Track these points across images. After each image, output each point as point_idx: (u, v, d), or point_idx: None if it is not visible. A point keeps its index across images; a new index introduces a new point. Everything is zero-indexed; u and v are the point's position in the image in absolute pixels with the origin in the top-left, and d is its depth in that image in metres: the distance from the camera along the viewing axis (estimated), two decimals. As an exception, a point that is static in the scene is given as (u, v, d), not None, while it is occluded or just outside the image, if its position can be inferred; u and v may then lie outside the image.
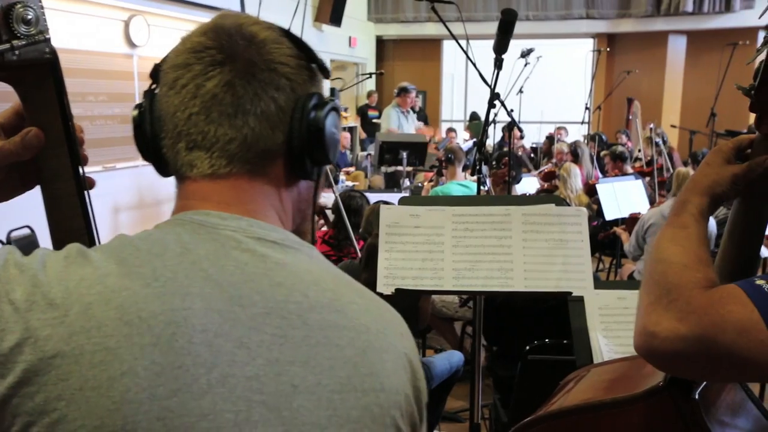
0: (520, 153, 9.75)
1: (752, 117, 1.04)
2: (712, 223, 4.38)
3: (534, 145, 10.78)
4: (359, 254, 3.34)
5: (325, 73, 0.85)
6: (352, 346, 0.74)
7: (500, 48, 2.49)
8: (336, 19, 10.77)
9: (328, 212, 3.83)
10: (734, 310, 0.83)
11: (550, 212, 2.04)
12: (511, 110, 3.24)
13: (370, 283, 2.62)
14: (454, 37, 3.15)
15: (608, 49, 11.99)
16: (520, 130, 3.54)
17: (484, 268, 2.00)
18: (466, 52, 3.18)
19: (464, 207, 2.08)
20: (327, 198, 4.45)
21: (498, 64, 2.51)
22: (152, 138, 0.81)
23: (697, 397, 1.06)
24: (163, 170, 0.84)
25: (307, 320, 0.73)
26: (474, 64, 3.22)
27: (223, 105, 0.77)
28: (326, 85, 0.90)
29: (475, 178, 5.50)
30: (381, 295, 2.06)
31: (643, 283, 0.96)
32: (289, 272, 0.75)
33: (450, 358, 3.22)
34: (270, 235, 0.77)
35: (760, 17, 0.92)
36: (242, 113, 0.77)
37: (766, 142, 1.02)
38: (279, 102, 0.79)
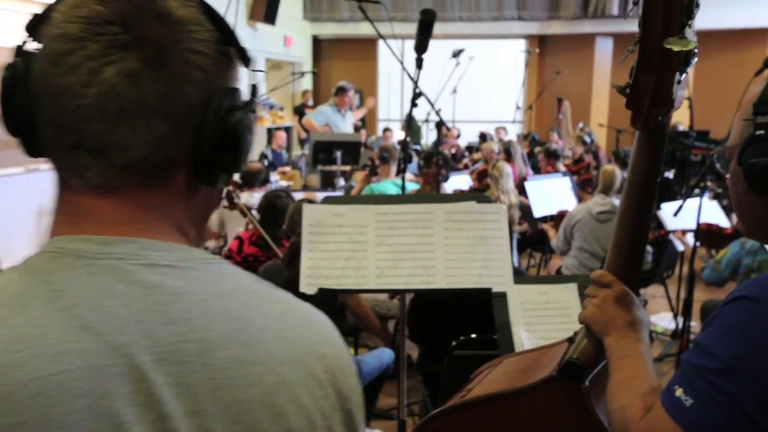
0: (454, 152, 9.89)
1: (677, 115, 1.09)
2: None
3: (470, 144, 10.94)
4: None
5: (246, 61, 0.73)
6: (261, 384, 0.63)
7: (420, 48, 2.52)
8: (270, 17, 10.66)
9: (255, 213, 3.77)
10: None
11: (471, 210, 2.07)
12: (439, 109, 3.28)
13: (291, 281, 2.61)
14: (381, 37, 3.16)
15: (537, 50, 12.29)
16: (448, 129, 3.58)
17: (407, 265, 2.02)
18: (393, 52, 3.19)
19: (387, 205, 2.09)
20: (254, 198, 4.40)
21: (419, 63, 2.54)
22: (25, 112, 0.65)
23: (587, 383, 1.10)
24: (34, 150, 0.68)
25: (209, 360, 0.62)
26: (402, 64, 3.24)
27: (124, 101, 0.62)
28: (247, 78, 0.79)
29: (409, 176, 5.55)
30: (305, 296, 2.06)
31: None
32: (188, 303, 0.63)
33: (380, 356, 3.23)
34: (165, 258, 0.64)
35: (628, 13, 0.96)
36: (146, 113, 0.63)
37: (642, 139, 1.07)
38: (192, 100, 0.65)
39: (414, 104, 2.63)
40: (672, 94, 0.99)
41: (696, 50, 0.96)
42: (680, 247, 4.71)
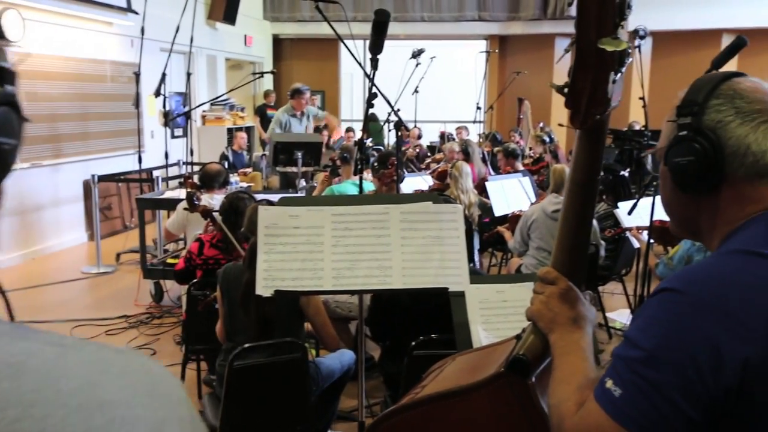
0: (417, 152, 9.92)
1: (633, 115, 1.11)
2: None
3: (432, 144, 10.99)
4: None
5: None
6: None
7: (375, 48, 2.51)
8: (230, 17, 10.55)
9: (216, 215, 3.71)
10: (592, 423, 0.91)
11: (427, 210, 2.08)
12: (398, 109, 3.28)
13: (252, 282, 2.58)
14: (339, 37, 3.14)
15: (497, 50, 12.42)
16: (407, 129, 3.58)
17: (364, 266, 2.01)
18: (351, 52, 3.18)
19: (344, 207, 2.08)
20: (214, 200, 4.34)
21: (374, 64, 2.53)
22: None
23: (533, 379, 1.12)
24: None
25: None
26: (360, 64, 3.23)
27: None
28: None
29: (370, 177, 5.54)
30: (259, 298, 2.04)
31: None
32: None
33: (341, 358, 3.22)
34: None
35: (569, 5, 0.97)
36: None
37: (582, 138, 1.09)
38: None
39: (370, 104, 2.63)
40: (608, 94, 1.00)
41: (630, 50, 0.99)
42: (636, 245, 4.80)
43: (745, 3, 10.93)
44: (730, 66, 10.22)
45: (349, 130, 11.02)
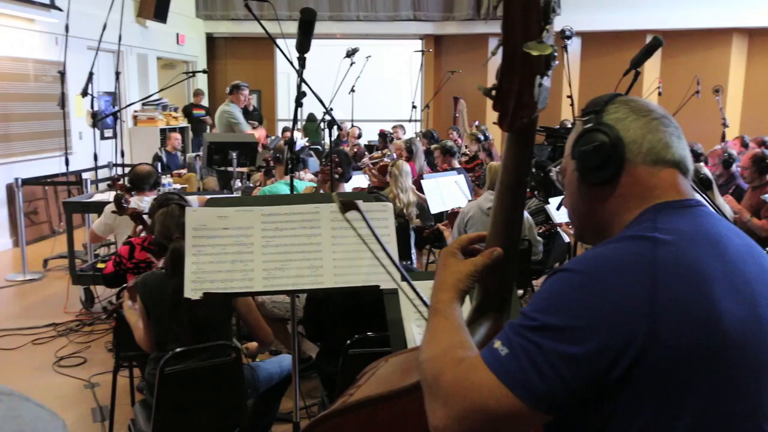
0: (356, 151, 9.92)
1: (565, 113, 1.14)
2: (525, 213, 4.72)
3: (370, 143, 11.01)
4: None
5: None
6: None
7: (302, 47, 2.50)
8: (161, 14, 10.30)
9: (145, 217, 3.62)
10: (475, 379, 0.95)
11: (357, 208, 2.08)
12: (331, 108, 3.27)
13: (179, 289, 2.51)
14: (269, 36, 3.11)
15: (431, 50, 12.55)
16: (339, 128, 3.57)
17: (295, 266, 2.00)
18: (282, 51, 3.16)
19: (274, 207, 2.07)
20: (144, 203, 4.23)
21: (301, 63, 2.52)
22: None
23: None
24: None
25: None
26: (292, 64, 3.21)
27: None
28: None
29: (308, 177, 5.51)
30: (190, 302, 2.00)
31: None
32: None
33: (281, 362, 3.19)
34: None
35: (483, 15, 0.99)
36: None
37: (511, 140, 1.10)
38: None
39: (299, 104, 2.61)
40: (535, 97, 1.01)
41: (555, 54, 1.00)
42: (567, 239, 4.93)
43: (667, 6, 11.39)
44: (653, 67, 10.62)
45: (285, 130, 10.92)
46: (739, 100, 12.15)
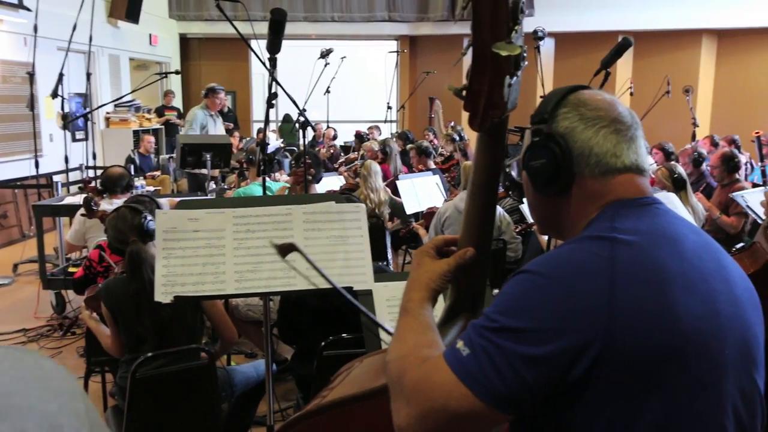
0: (332, 152, 9.90)
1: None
2: (501, 211, 4.74)
3: (346, 144, 10.99)
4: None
5: None
6: None
7: (272, 48, 2.48)
8: (133, 15, 10.18)
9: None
10: (437, 379, 0.96)
11: (330, 209, 2.07)
12: (304, 109, 3.25)
13: (141, 291, 2.47)
14: (241, 36, 3.09)
15: (406, 51, 12.57)
16: (314, 129, 3.56)
17: (267, 268, 1.99)
18: (255, 52, 3.13)
19: (245, 208, 2.05)
20: (115, 206, 4.17)
21: (272, 63, 2.50)
22: None
23: None
24: None
25: None
26: (264, 64, 3.19)
27: None
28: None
29: (283, 178, 5.48)
30: (159, 304, 1.97)
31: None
32: None
33: (257, 366, 3.16)
34: None
35: (456, 16, 0.99)
36: None
37: (481, 140, 1.10)
38: None
39: (270, 105, 2.59)
40: (504, 97, 1.01)
41: (525, 54, 1.00)
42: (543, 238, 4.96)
43: (639, 7, 11.55)
44: (625, 67, 10.75)
45: (260, 131, 10.85)
46: (709, 99, 12.35)
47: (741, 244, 2.10)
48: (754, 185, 5.66)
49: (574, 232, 1.09)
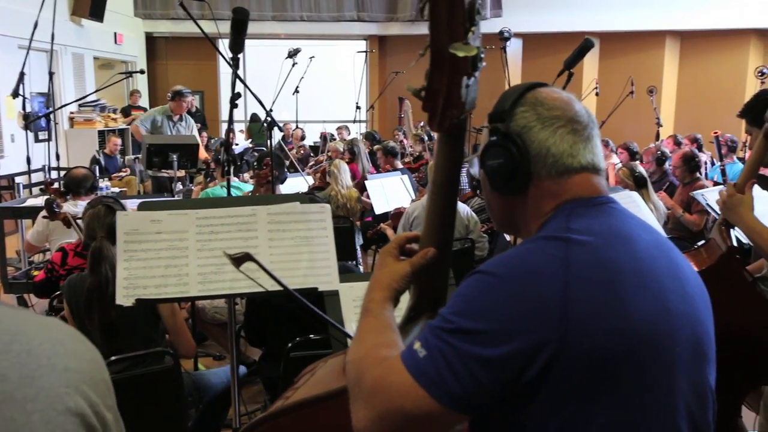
0: (302, 153, 9.85)
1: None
2: (468, 210, 4.77)
3: (315, 145, 10.95)
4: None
5: None
6: None
7: (235, 47, 2.46)
8: (97, 13, 10.01)
9: (80, 222, 3.50)
10: (394, 379, 0.96)
11: (294, 210, 2.06)
12: (270, 110, 3.23)
13: (96, 287, 2.43)
14: (205, 35, 3.06)
15: (375, 50, 12.57)
16: (280, 129, 3.54)
17: (231, 270, 1.96)
18: (219, 51, 3.11)
19: (209, 209, 2.03)
20: (79, 207, 4.10)
21: (235, 63, 2.48)
22: None
23: None
24: None
25: None
26: (230, 64, 3.16)
27: None
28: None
29: (246, 178, 5.43)
30: (103, 303, 1.93)
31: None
32: None
33: (226, 371, 3.13)
34: None
35: (420, 10, 0.99)
36: None
37: (441, 140, 1.10)
38: None
39: (234, 105, 2.57)
40: (462, 97, 1.02)
41: (482, 55, 1.01)
42: (508, 237, 5.00)
43: (604, 9, 11.72)
44: (591, 68, 10.87)
45: (230, 131, 10.74)
46: (672, 99, 12.60)
47: (703, 242, 2.15)
48: (715, 183, 5.80)
49: (530, 231, 1.10)
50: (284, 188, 4.64)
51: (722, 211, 2.05)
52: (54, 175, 7.02)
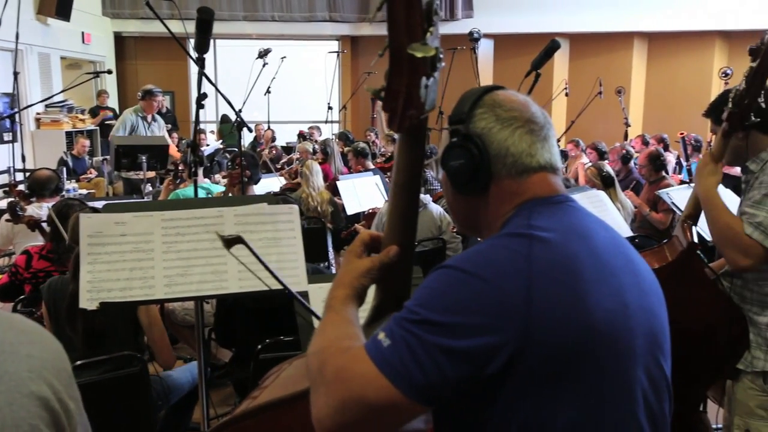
0: (273, 153, 9.80)
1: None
2: (440, 210, 4.79)
3: (288, 145, 10.90)
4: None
5: None
6: None
7: (200, 47, 2.44)
8: (63, 12, 9.84)
9: (44, 225, 3.45)
10: (357, 369, 0.96)
11: (262, 211, 2.05)
12: (240, 110, 3.21)
13: (77, 294, 2.41)
14: (172, 34, 3.03)
15: (346, 51, 12.56)
16: (250, 130, 3.52)
17: (197, 272, 1.95)
18: (187, 51, 3.08)
19: (175, 211, 2.01)
20: (43, 210, 4.03)
21: (201, 63, 2.46)
22: None
23: None
24: None
25: None
26: (196, 62, 3.13)
27: None
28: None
29: (223, 180, 5.38)
30: (95, 313, 1.91)
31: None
32: None
33: (192, 370, 3.10)
34: None
35: (378, 10, 1.00)
36: None
37: (402, 140, 1.11)
38: None
39: (200, 105, 2.55)
40: (422, 98, 1.02)
41: (441, 56, 1.02)
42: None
43: (574, 10, 11.86)
44: (562, 69, 10.99)
45: (199, 132, 10.65)
46: (640, 100, 12.79)
47: (666, 240, 2.19)
48: (682, 182, 5.90)
49: (491, 231, 1.12)
50: (258, 189, 4.61)
51: (694, 177, 2.13)
52: (20, 177, 6.89)
